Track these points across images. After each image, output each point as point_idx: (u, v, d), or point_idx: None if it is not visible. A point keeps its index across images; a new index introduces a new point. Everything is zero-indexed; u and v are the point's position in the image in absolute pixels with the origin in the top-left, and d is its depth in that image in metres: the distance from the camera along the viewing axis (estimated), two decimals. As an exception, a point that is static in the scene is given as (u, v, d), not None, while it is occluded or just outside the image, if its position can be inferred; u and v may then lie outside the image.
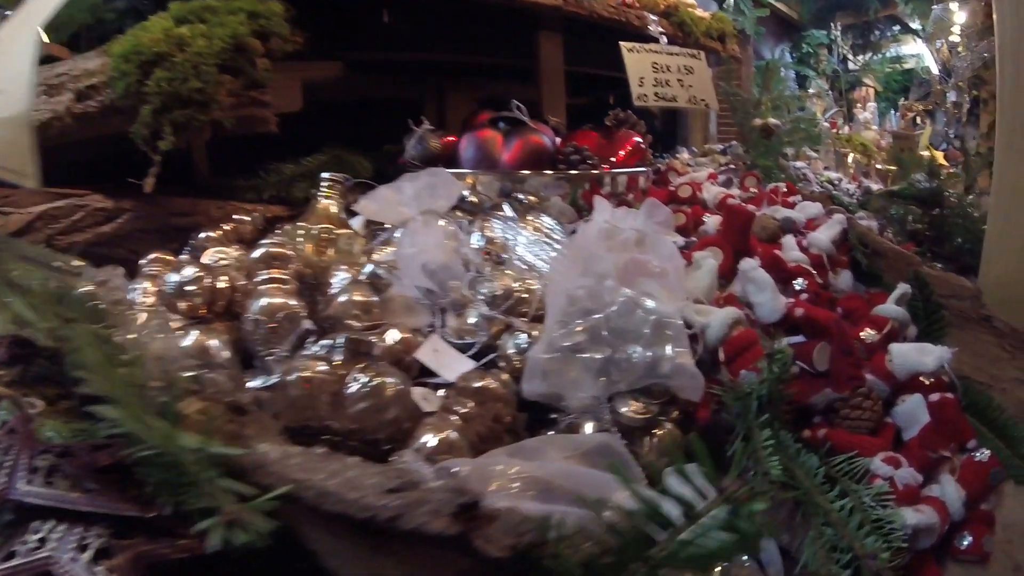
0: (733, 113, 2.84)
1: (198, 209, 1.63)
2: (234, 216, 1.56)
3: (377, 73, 2.62)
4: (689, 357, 0.95)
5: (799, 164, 2.83)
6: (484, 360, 1.06)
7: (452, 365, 1.06)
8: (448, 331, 1.14)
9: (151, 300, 1.17)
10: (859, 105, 5.93)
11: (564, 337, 0.94)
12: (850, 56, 7.23)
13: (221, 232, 1.46)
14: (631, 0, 2.59)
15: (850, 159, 3.51)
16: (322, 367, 0.98)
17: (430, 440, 0.89)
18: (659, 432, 0.93)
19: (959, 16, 5.62)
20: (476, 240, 1.28)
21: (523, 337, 1.03)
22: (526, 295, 1.10)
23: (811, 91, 5.52)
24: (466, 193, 1.66)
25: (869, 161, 3.54)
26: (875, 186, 2.80)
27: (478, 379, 0.98)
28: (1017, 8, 1.38)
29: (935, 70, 6.21)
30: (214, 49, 1.53)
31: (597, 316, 0.95)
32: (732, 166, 2.43)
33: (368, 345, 1.04)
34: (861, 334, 1.23)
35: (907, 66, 7.55)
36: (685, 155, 3.07)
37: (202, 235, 1.40)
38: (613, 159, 1.79)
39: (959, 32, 5.74)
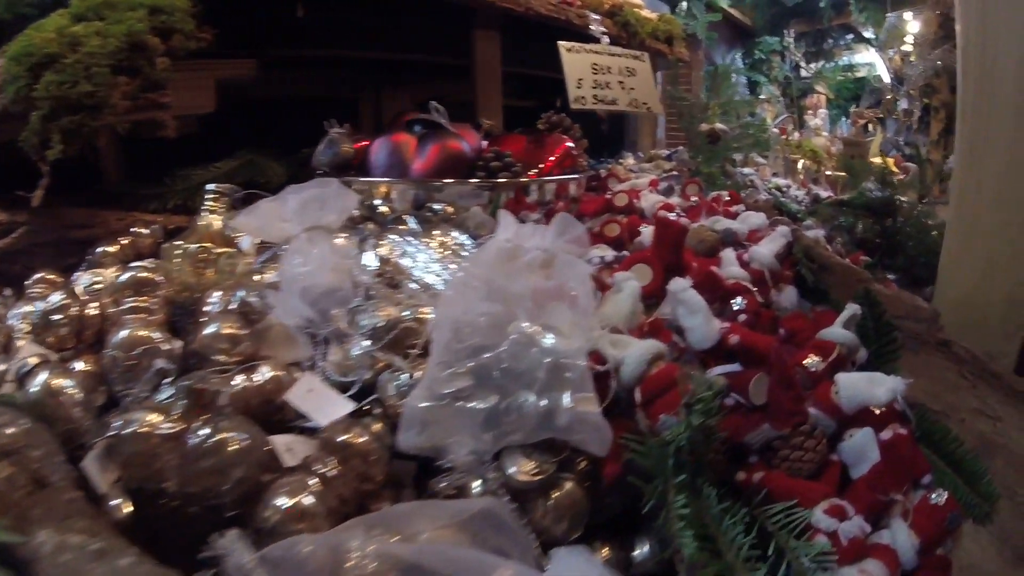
0: (679, 117, 2.72)
1: (97, 221, 1.53)
2: (131, 229, 1.44)
3: (309, 71, 2.47)
4: (593, 403, 0.79)
5: (747, 170, 2.72)
6: (360, 405, 0.89)
7: (327, 408, 0.90)
8: (330, 367, 0.97)
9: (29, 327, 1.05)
10: (810, 112, 5.90)
11: (447, 380, 0.78)
12: (803, 63, 7.24)
13: (119, 246, 1.34)
14: (572, -1, 2.46)
15: (800, 165, 3.43)
16: (160, 419, 0.82)
17: (282, 504, 0.73)
18: (557, 493, 0.78)
19: (912, 25, 5.63)
20: (369, 260, 1.11)
21: (404, 377, 0.86)
22: (415, 325, 0.93)
23: (762, 97, 5.47)
24: (378, 203, 1.51)
25: (819, 168, 3.46)
26: (824, 193, 2.70)
27: (343, 431, 0.81)
28: (981, 19, 1.26)
29: (887, 79, 6.23)
30: (108, 48, 1.41)
31: (487, 355, 0.79)
32: (675, 173, 2.30)
33: (211, 395, 0.88)
34: (805, 361, 1.09)
35: (859, 75, 7.62)
36: (630, 160, 2.94)
37: (99, 249, 1.30)
38: (541, 165, 1.63)
39: (912, 41, 5.76)
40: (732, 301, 1.24)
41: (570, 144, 1.69)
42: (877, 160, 4.75)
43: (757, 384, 0.99)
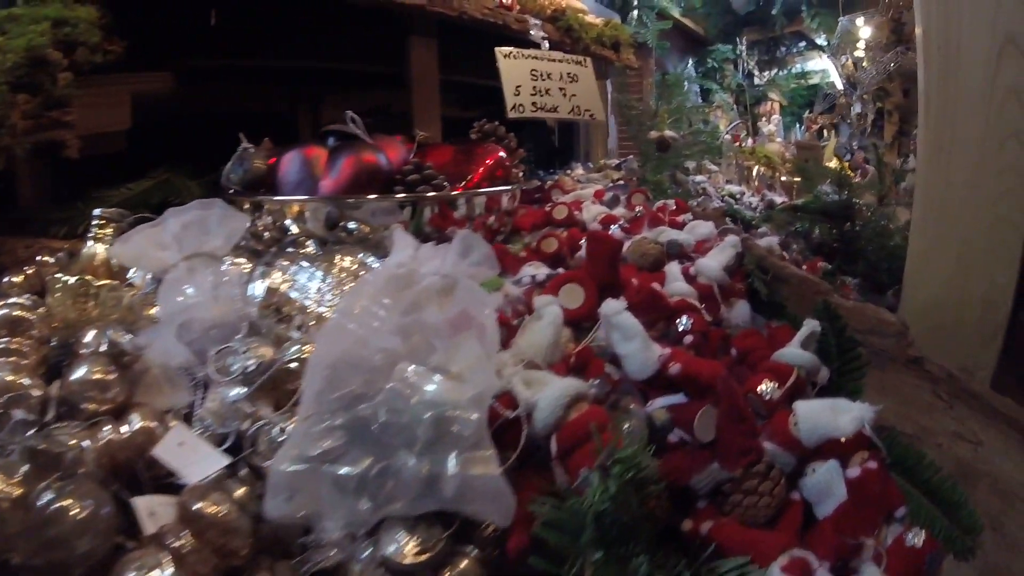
0: (627, 125, 2.61)
1: (5, 248, 1.41)
2: (37, 257, 1.31)
3: (242, 84, 2.35)
4: (490, 464, 0.64)
5: (699, 178, 2.62)
6: (235, 460, 0.74)
7: (198, 464, 0.75)
8: (208, 415, 0.82)
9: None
10: (764, 119, 5.88)
11: (317, 438, 0.63)
12: (756, 72, 7.26)
13: (24, 276, 1.22)
14: (510, 2, 2.33)
15: (755, 172, 3.34)
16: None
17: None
18: (450, 574, 0.63)
19: (864, 31, 5.65)
20: (256, 290, 0.96)
21: (276, 431, 0.71)
22: (295, 368, 0.78)
23: (714, 104, 5.43)
24: (289, 224, 1.36)
25: (774, 173, 3.38)
26: (780, 199, 2.61)
27: (199, 498, 0.66)
28: (945, 25, 1.15)
29: (840, 85, 6.25)
30: (6, 65, 1.32)
31: (364, 406, 0.64)
32: (622, 182, 2.18)
33: (52, 456, 0.72)
34: (759, 388, 0.96)
35: (812, 81, 7.67)
36: (579, 171, 2.82)
37: (5, 279, 1.20)
38: (471, 177, 1.49)
39: (864, 47, 5.79)
40: (677, 321, 1.11)
41: (502, 154, 1.55)
42: (832, 164, 4.71)
43: (703, 419, 0.86)
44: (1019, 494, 0.87)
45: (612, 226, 1.54)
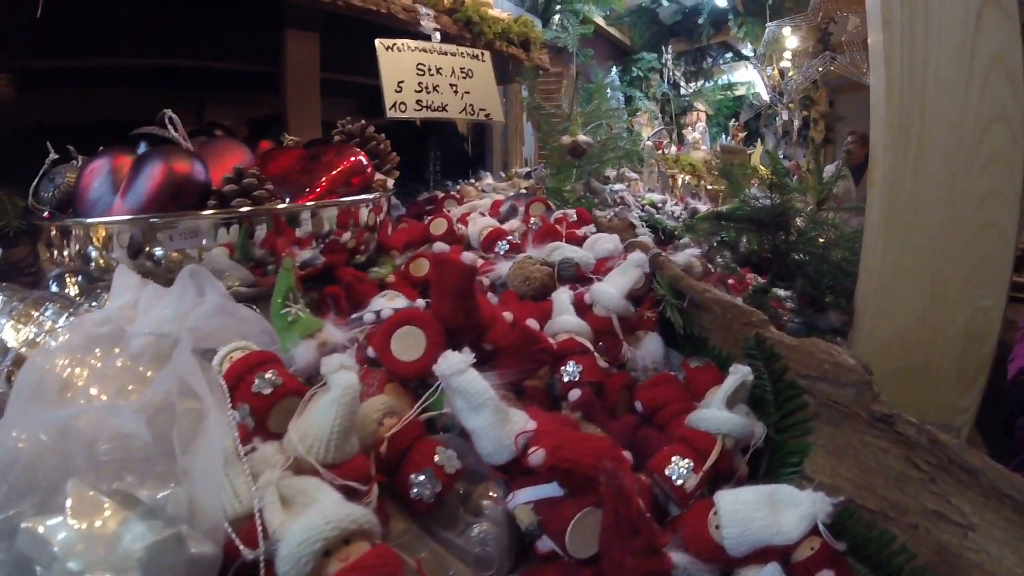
0: (537, 129, 2.34)
1: None
2: None
3: (114, 87, 2.01)
4: None
5: (617, 186, 2.36)
6: None
7: None
8: None
9: None
10: (689, 127, 5.75)
11: None
12: (683, 82, 7.17)
13: None
14: (398, -10, 2.04)
15: (680, 180, 3.12)
16: None
17: None
18: None
19: (791, 40, 5.59)
20: None
21: None
22: None
23: (638, 110, 5.25)
24: (92, 252, 1.05)
25: (699, 182, 3.18)
26: (704, 207, 2.38)
27: None
28: (910, 32, 0.86)
29: (765, 95, 6.18)
30: None
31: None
32: (523, 191, 1.91)
33: None
34: (667, 470, 0.68)
35: (739, 92, 7.65)
36: (488, 180, 2.54)
37: None
38: (315, 187, 1.18)
39: (790, 56, 5.73)
40: (563, 369, 0.83)
41: (361, 159, 1.24)
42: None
43: (580, 528, 0.58)
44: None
45: (499, 242, 1.26)
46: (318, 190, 1.17)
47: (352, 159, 1.24)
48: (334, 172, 1.20)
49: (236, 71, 2.20)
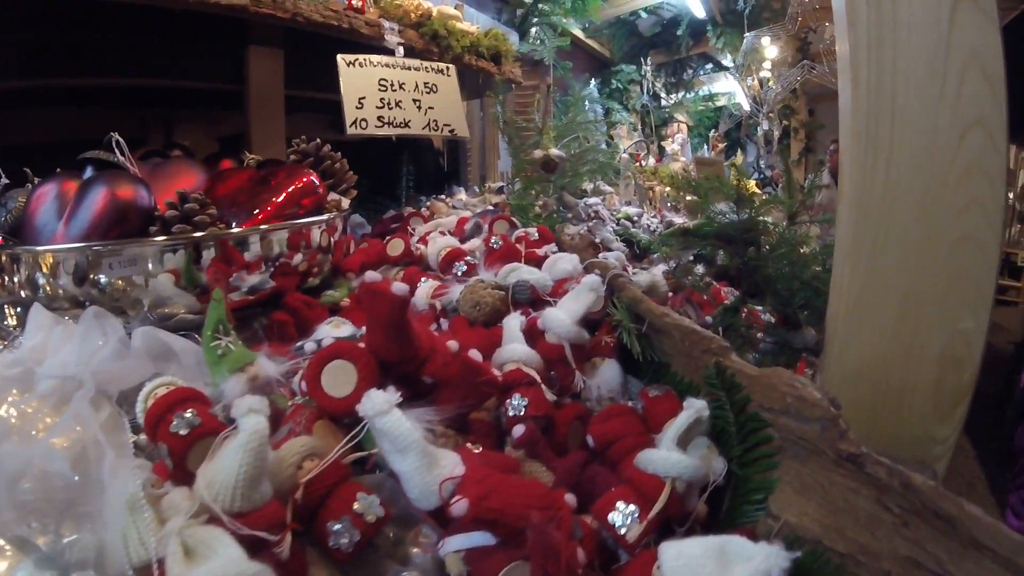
0: (508, 143, 2.29)
1: None
2: None
3: (84, 106, 2.00)
4: None
5: (592, 200, 2.32)
6: None
7: None
8: None
9: None
10: (669, 139, 5.73)
11: None
12: (663, 93, 7.17)
13: None
14: (361, 5, 2.00)
15: (658, 192, 3.08)
16: None
17: None
18: None
19: (770, 51, 5.59)
20: None
21: None
22: None
23: (616, 123, 5.22)
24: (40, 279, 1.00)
25: (679, 193, 3.14)
26: (680, 220, 2.34)
27: None
28: (878, 32, 0.78)
29: (746, 105, 6.19)
30: None
31: None
32: (491, 207, 1.86)
33: None
34: (610, 516, 0.63)
35: (719, 103, 7.66)
36: (461, 195, 2.49)
37: None
38: (263, 209, 1.13)
39: (768, 67, 5.74)
40: (507, 403, 0.78)
41: (312, 179, 1.19)
42: (750, 185, 4.55)
43: (511, 583, 0.53)
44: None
45: (456, 263, 1.21)
46: (264, 214, 1.12)
47: (303, 180, 1.19)
48: (283, 194, 1.15)
49: (204, 89, 2.16)
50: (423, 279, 1.22)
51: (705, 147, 6.68)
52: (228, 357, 0.81)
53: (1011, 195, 8.33)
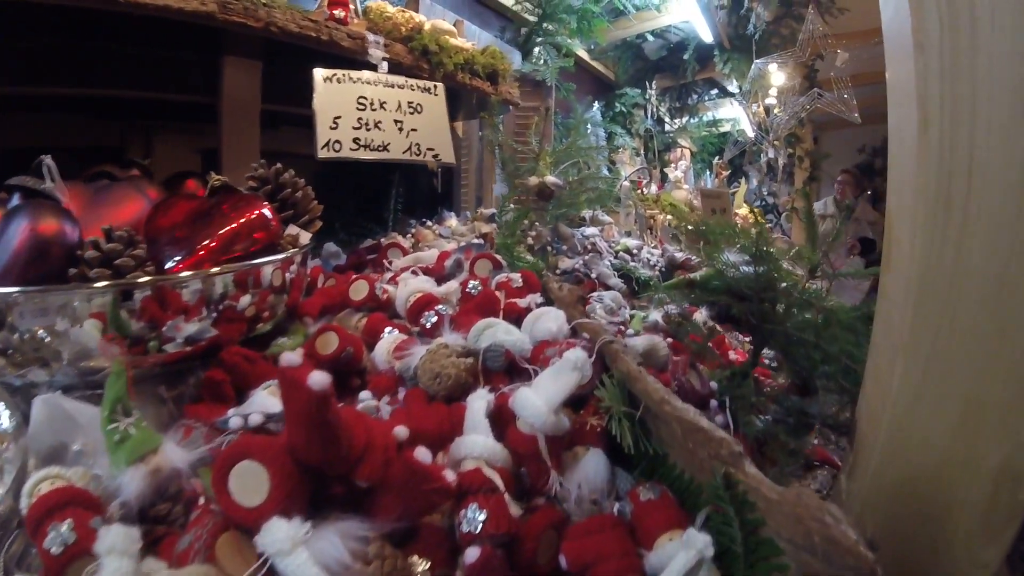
0: (502, 168, 2.15)
1: None
2: None
3: (70, 113, 1.92)
4: None
5: (589, 231, 2.17)
6: None
7: None
8: None
9: None
10: (672, 165, 5.59)
11: None
12: (667, 118, 7.06)
13: None
14: (343, 16, 1.86)
15: (661, 220, 2.93)
16: None
17: None
18: None
19: (776, 77, 5.47)
20: None
21: None
22: None
23: (618, 148, 5.07)
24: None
25: (680, 223, 2.98)
26: (681, 255, 2.18)
27: None
28: (952, 60, 0.57)
29: (750, 132, 6.06)
30: None
31: None
32: (478, 239, 1.70)
33: None
34: None
35: (724, 129, 7.55)
36: (452, 220, 2.34)
37: None
38: (203, 246, 0.98)
39: (775, 93, 5.63)
40: (461, 513, 0.62)
41: (264, 212, 1.04)
42: (743, 210, 4.40)
43: None
44: None
45: (426, 313, 1.05)
46: (205, 251, 0.96)
47: (254, 213, 1.04)
48: (227, 229, 1.00)
49: (182, 101, 2.04)
50: (387, 329, 1.07)
51: (708, 173, 6.54)
52: (127, 443, 0.67)
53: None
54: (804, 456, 1.09)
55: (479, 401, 0.74)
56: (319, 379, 0.51)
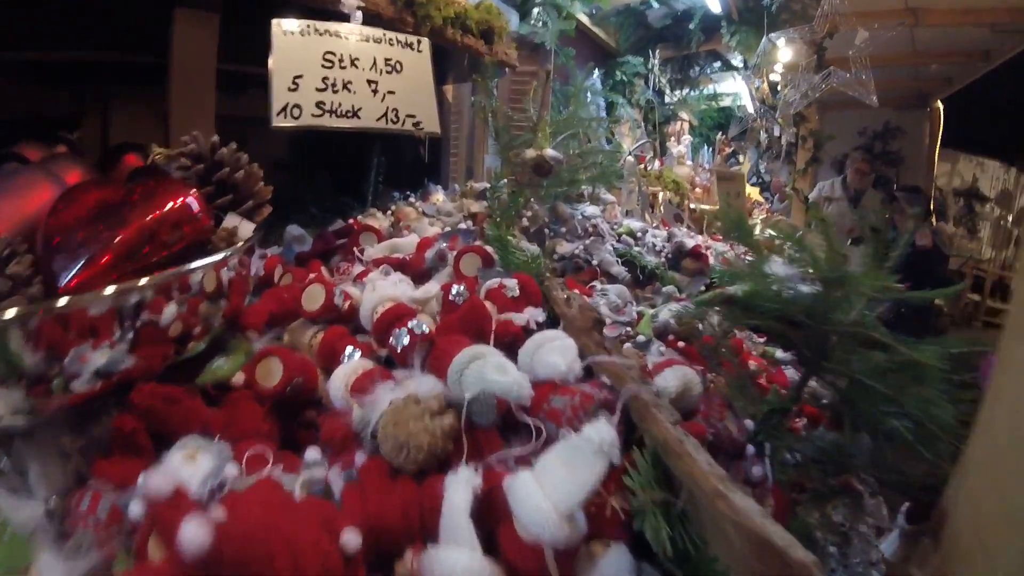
0: (496, 138, 1.90)
1: None
2: None
3: (13, 79, 1.73)
4: None
5: (590, 211, 1.93)
6: None
7: None
8: None
9: None
10: (672, 139, 5.33)
11: None
12: (667, 89, 6.78)
13: None
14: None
15: (661, 198, 2.69)
16: None
17: None
18: None
19: (783, 54, 5.21)
20: None
21: None
22: None
23: (621, 119, 4.81)
24: None
25: (682, 201, 2.75)
26: (691, 241, 1.94)
27: None
28: None
29: (751, 108, 5.81)
30: None
31: None
32: (464, 225, 1.46)
33: None
34: None
35: (724, 103, 7.32)
36: (439, 195, 2.09)
37: None
38: (104, 249, 0.74)
39: (780, 70, 5.38)
40: None
41: (188, 201, 0.80)
42: (754, 194, 4.17)
43: None
44: None
45: (396, 330, 0.82)
46: (107, 256, 0.73)
47: (175, 202, 0.80)
48: (133, 226, 0.76)
49: (134, 63, 1.79)
50: (348, 350, 0.84)
51: (706, 148, 6.30)
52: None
53: (1008, 218, 8.00)
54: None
55: (460, 493, 0.51)
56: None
